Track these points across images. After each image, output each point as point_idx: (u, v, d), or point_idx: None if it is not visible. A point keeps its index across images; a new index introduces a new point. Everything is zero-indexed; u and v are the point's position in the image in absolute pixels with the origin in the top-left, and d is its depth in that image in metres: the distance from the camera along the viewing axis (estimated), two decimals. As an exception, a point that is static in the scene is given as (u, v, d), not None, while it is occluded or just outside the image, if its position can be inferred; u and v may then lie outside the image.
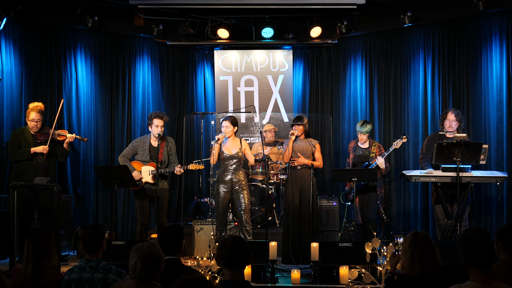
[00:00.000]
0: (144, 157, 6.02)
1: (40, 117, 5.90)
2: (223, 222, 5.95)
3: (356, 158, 6.31)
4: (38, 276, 3.20)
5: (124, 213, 7.70)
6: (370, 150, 6.27)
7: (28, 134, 5.91)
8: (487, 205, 6.70)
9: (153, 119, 6.00)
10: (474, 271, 2.48)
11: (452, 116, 5.94)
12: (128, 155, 6.11)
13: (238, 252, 2.61)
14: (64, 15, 7.33)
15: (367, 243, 4.28)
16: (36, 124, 5.87)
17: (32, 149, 5.82)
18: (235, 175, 5.87)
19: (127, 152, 6.14)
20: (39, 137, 5.93)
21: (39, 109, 5.90)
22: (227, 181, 5.86)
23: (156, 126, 5.98)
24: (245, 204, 5.86)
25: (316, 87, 8.33)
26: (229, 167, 5.88)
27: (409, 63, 7.47)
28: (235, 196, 5.90)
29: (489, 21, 6.80)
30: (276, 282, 4.89)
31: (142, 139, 6.17)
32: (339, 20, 7.75)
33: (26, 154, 5.83)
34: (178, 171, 5.92)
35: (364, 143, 6.33)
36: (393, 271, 3.27)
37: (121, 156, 6.14)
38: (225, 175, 5.88)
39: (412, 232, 2.96)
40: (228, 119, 5.94)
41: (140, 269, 2.68)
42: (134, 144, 6.15)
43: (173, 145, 6.18)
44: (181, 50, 8.39)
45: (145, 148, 6.03)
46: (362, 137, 6.28)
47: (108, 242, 4.69)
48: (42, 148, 5.83)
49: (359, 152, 6.33)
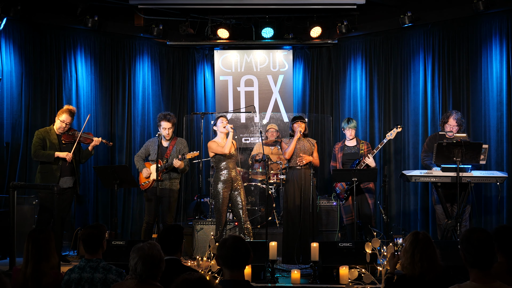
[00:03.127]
0: (153, 157, 6.02)
1: (71, 120, 5.95)
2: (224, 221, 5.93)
3: (345, 157, 6.31)
4: (38, 276, 3.21)
5: (124, 213, 7.70)
6: (358, 147, 6.27)
7: (53, 135, 5.93)
8: (487, 205, 6.70)
9: (161, 121, 6.04)
10: (475, 271, 2.47)
11: (453, 121, 5.93)
12: (142, 155, 6.18)
13: (238, 252, 2.61)
14: (64, 15, 7.33)
15: (367, 243, 4.29)
16: (65, 126, 5.91)
17: (56, 154, 5.84)
18: (232, 174, 5.90)
19: (141, 152, 6.22)
20: (65, 139, 5.95)
21: (72, 111, 5.96)
22: (225, 180, 5.87)
23: (164, 128, 6.00)
24: (243, 203, 5.89)
25: (316, 87, 8.33)
26: (229, 165, 5.90)
27: (409, 63, 7.47)
28: (232, 195, 5.92)
29: (489, 21, 6.80)
30: (276, 282, 4.89)
31: (154, 139, 6.18)
32: (339, 20, 7.74)
33: (50, 157, 5.83)
34: (175, 162, 5.87)
35: (351, 140, 6.33)
36: (392, 271, 3.27)
37: (136, 156, 6.23)
38: (223, 174, 5.89)
39: (412, 232, 2.95)
40: (223, 117, 6.00)
41: (141, 269, 2.69)
42: (147, 145, 6.20)
43: (184, 146, 6.15)
44: (181, 50, 8.39)
45: (155, 148, 6.03)
46: (350, 132, 6.29)
47: (108, 242, 4.69)
48: (66, 154, 5.85)
49: (347, 150, 6.33)
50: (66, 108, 5.98)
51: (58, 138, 5.94)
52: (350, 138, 6.34)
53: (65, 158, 5.85)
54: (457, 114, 5.98)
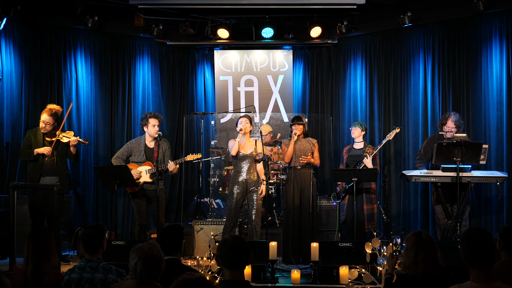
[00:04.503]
0: (140, 158, 5.94)
1: (51, 120, 5.92)
2: (234, 222, 5.82)
3: (349, 159, 6.30)
4: (38, 276, 3.20)
5: (124, 213, 7.69)
6: (364, 150, 6.26)
7: (39, 134, 5.97)
8: (487, 205, 6.70)
9: (149, 119, 5.92)
10: (475, 271, 2.47)
11: (452, 124, 5.93)
12: (122, 157, 6.04)
13: (238, 252, 2.61)
14: (64, 15, 7.33)
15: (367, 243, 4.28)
16: (45, 126, 5.91)
17: (35, 150, 5.86)
18: (249, 176, 5.76)
19: (121, 153, 6.07)
20: (48, 138, 5.97)
21: (52, 111, 5.91)
22: (241, 181, 5.75)
23: (153, 125, 5.91)
24: (258, 205, 5.73)
25: (316, 87, 8.33)
26: (243, 168, 5.78)
27: (409, 63, 7.47)
28: (248, 196, 5.77)
29: (489, 21, 6.80)
30: (276, 282, 4.89)
31: (137, 140, 6.10)
32: (339, 20, 7.74)
33: (30, 155, 5.89)
34: (170, 165, 5.80)
35: (359, 143, 6.32)
36: (391, 272, 3.27)
37: (115, 158, 6.06)
38: (239, 176, 5.78)
39: (414, 232, 2.95)
40: (246, 116, 5.86)
41: (141, 269, 2.69)
42: (129, 146, 6.07)
43: (167, 147, 6.08)
44: (181, 50, 8.39)
45: (141, 149, 5.96)
46: (355, 131, 6.27)
47: (108, 242, 4.69)
48: (44, 149, 5.86)
49: (353, 153, 6.32)
50: (48, 108, 5.94)
51: (43, 137, 5.96)
52: (355, 138, 6.33)
53: (46, 155, 5.85)
54: (455, 116, 5.98)
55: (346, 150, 6.45)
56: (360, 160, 6.16)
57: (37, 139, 5.95)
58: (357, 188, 5.83)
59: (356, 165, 6.16)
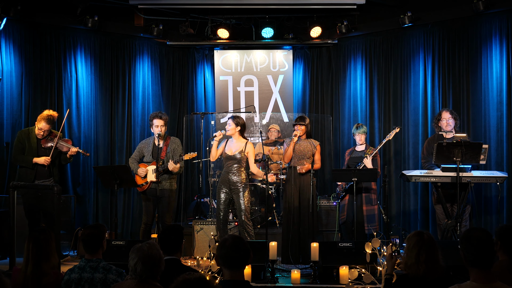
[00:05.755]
0: (148, 158, 5.99)
1: (49, 127, 5.90)
2: (223, 222, 5.85)
3: (351, 160, 6.30)
4: (38, 276, 3.20)
5: (124, 213, 7.70)
6: (365, 152, 6.26)
7: (33, 138, 5.93)
8: (487, 205, 6.70)
9: (153, 119, 5.97)
10: (475, 271, 2.47)
11: (447, 114, 5.94)
12: (136, 157, 6.11)
13: (238, 252, 2.61)
14: (64, 15, 7.33)
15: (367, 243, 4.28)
16: (43, 133, 5.90)
17: (35, 160, 5.85)
18: (235, 176, 5.74)
19: (135, 154, 6.16)
20: (44, 143, 5.93)
21: (50, 118, 5.88)
22: (226, 182, 5.77)
23: (156, 126, 5.94)
24: (244, 205, 5.70)
25: (316, 87, 8.33)
26: (229, 168, 5.78)
27: (409, 63, 7.47)
28: (235, 197, 5.78)
29: (489, 21, 6.80)
30: (276, 282, 4.89)
31: (147, 140, 6.16)
32: (339, 20, 7.75)
33: (28, 163, 5.86)
34: (170, 165, 5.80)
35: (361, 145, 6.33)
36: (390, 272, 3.27)
37: (130, 159, 6.16)
38: (225, 176, 5.80)
39: (416, 231, 2.94)
40: (231, 118, 5.87)
41: (141, 269, 2.69)
42: (140, 146, 6.15)
43: (177, 145, 6.06)
44: (181, 50, 8.39)
45: (149, 149, 6.01)
46: (360, 137, 6.28)
47: (108, 242, 4.69)
48: (44, 160, 5.85)
49: (354, 154, 6.33)
50: (46, 115, 5.89)
51: (38, 142, 5.93)
52: (360, 144, 6.34)
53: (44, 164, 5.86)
54: (448, 109, 6.01)
55: (348, 152, 6.46)
56: (360, 161, 6.17)
57: (31, 144, 5.90)
58: (357, 187, 5.83)
59: (356, 165, 6.17)
